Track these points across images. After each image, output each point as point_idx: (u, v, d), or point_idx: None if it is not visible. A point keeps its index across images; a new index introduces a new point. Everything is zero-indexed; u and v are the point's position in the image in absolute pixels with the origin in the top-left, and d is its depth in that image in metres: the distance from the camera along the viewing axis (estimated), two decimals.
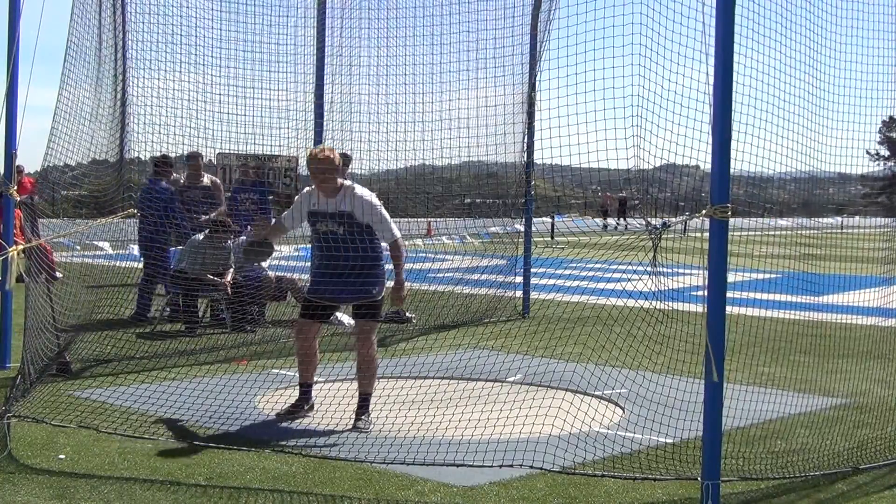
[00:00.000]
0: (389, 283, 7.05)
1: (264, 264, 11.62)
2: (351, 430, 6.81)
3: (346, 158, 12.13)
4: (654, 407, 6.51)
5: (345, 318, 11.86)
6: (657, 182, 7.30)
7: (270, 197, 12.35)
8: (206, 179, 12.15)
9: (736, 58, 5.18)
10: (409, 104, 11.34)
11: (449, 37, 11.09)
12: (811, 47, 6.64)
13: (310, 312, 7.19)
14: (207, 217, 11.56)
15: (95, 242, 11.62)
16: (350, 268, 6.94)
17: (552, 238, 28.81)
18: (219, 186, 12.22)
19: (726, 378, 5.28)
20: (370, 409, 7.10)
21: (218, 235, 11.20)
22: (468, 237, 13.97)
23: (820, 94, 6.79)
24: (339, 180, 7.07)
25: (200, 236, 11.54)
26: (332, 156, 6.96)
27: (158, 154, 11.33)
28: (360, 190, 7.10)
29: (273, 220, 7.35)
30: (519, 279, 12.90)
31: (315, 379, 8.41)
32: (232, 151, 11.84)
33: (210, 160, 12.41)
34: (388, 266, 7.12)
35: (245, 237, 10.93)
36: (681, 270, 6.03)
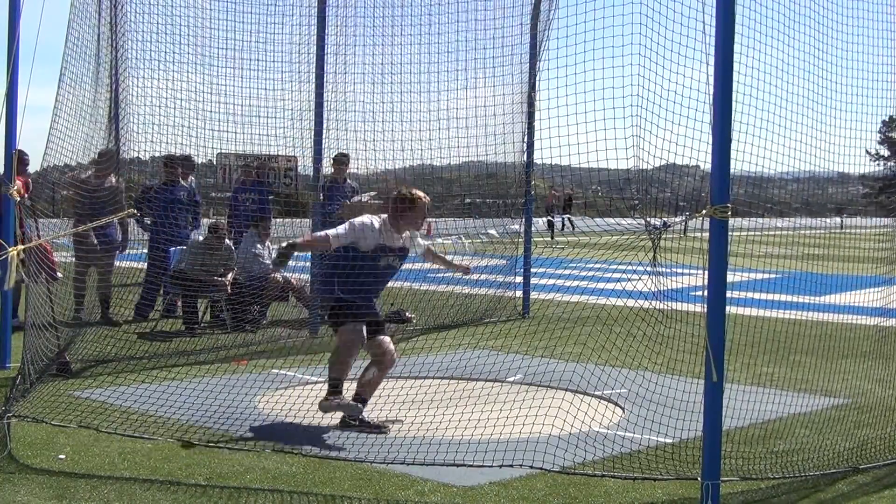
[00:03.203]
0: None
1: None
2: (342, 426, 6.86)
3: (345, 158, 12.15)
4: (654, 407, 6.50)
5: None
6: (657, 182, 7.30)
7: (271, 197, 12.36)
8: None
9: (736, 58, 5.18)
10: (409, 104, 11.35)
11: (448, 36, 11.10)
12: (812, 45, 6.65)
13: (368, 328, 7.14)
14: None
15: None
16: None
17: (552, 238, 28.82)
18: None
19: (726, 378, 5.28)
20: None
21: (216, 236, 11.20)
22: (467, 238, 13.98)
23: (820, 94, 6.79)
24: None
25: (200, 237, 11.55)
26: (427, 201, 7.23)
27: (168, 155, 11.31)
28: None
29: (319, 234, 7.53)
30: (519, 279, 12.90)
31: (315, 379, 8.42)
32: (231, 151, 11.85)
33: (210, 160, 12.41)
34: None
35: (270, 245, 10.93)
36: (680, 270, 6.03)
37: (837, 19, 6.82)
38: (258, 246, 11.53)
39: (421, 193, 7.21)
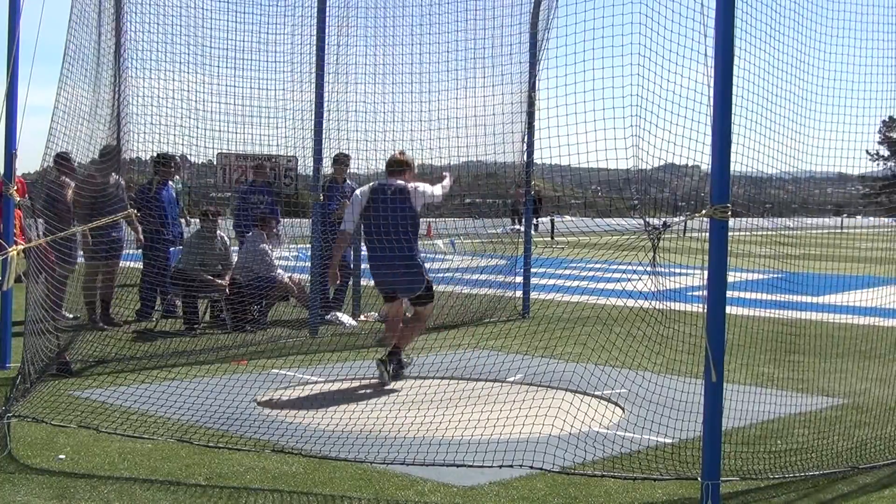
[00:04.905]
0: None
1: (277, 264, 11.70)
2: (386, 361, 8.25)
3: (345, 158, 12.15)
4: (654, 407, 6.51)
5: (344, 317, 11.87)
6: (657, 182, 7.31)
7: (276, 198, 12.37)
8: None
9: (736, 58, 5.18)
10: (409, 104, 11.35)
11: (448, 36, 11.10)
12: (811, 45, 6.65)
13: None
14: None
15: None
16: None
17: (552, 238, 28.79)
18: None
19: (725, 378, 5.29)
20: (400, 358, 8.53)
21: (209, 219, 11.22)
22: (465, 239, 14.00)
23: (820, 93, 6.79)
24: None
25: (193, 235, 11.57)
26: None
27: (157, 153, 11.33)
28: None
29: None
30: (519, 279, 12.90)
31: (315, 378, 8.43)
32: (232, 152, 11.84)
33: (210, 160, 12.41)
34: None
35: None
36: (680, 270, 6.03)
37: (837, 19, 6.83)
38: (263, 246, 11.53)
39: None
